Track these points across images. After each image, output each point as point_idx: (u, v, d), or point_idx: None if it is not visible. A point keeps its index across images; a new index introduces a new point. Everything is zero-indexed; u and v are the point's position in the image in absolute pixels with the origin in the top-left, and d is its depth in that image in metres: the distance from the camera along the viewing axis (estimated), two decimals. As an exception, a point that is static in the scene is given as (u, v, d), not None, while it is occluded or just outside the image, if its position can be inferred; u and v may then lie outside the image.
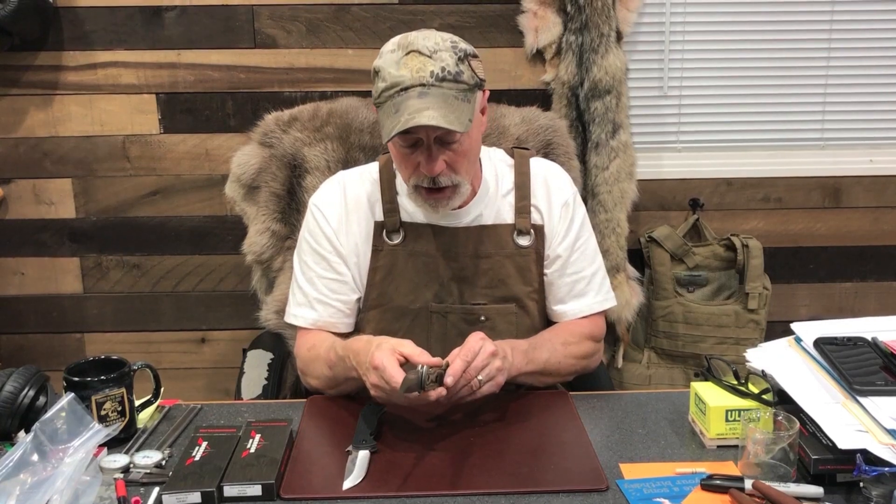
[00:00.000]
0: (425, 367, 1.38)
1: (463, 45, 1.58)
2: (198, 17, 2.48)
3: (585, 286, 1.77)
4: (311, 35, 2.50)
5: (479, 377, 1.44)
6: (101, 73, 2.51)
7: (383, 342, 1.46)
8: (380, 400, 1.48)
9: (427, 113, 1.49)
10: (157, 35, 2.49)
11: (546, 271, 1.75)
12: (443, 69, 1.52)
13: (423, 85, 1.51)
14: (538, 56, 2.53)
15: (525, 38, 2.50)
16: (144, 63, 2.51)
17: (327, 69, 2.52)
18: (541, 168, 1.78)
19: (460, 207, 1.70)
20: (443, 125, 1.49)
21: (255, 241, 2.09)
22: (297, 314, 1.74)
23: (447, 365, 1.40)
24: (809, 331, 1.53)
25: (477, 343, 1.46)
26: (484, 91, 1.64)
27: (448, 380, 1.38)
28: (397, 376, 1.38)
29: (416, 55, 1.53)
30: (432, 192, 1.61)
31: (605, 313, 1.81)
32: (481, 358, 1.44)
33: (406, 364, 1.42)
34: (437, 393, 1.38)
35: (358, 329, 1.76)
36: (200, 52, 2.51)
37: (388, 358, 1.41)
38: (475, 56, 1.60)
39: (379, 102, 1.57)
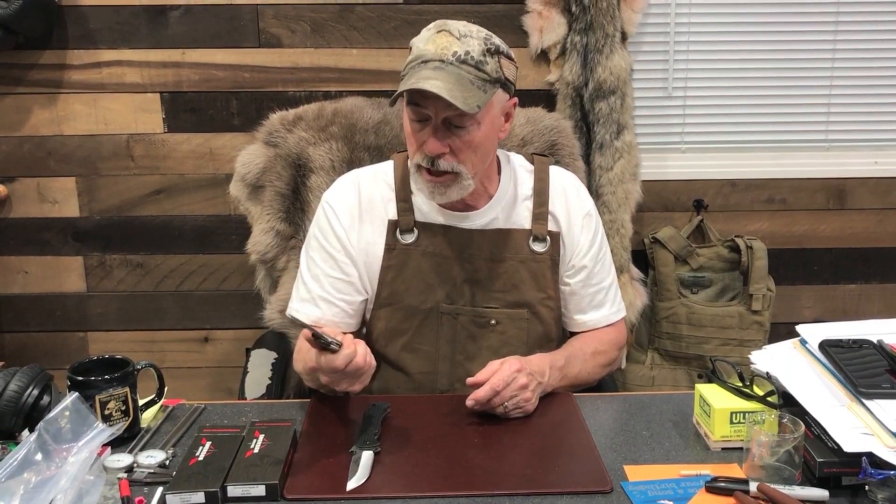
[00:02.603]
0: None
1: (497, 41, 1.59)
2: (202, 17, 2.48)
3: (604, 297, 1.79)
4: (315, 35, 2.50)
5: (506, 404, 1.51)
6: (106, 72, 2.51)
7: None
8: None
9: (433, 82, 1.49)
10: (161, 34, 2.49)
11: (570, 281, 1.76)
12: (466, 52, 1.54)
13: (441, 60, 1.53)
14: (542, 56, 2.53)
15: (529, 38, 2.50)
16: (149, 62, 2.50)
17: (332, 69, 2.52)
18: (560, 177, 1.78)
19: (476, 209, 1.69)
20: (444, 95, 1.48)
21: (260, 240, 2.09)
22: (299, 310, 1.73)
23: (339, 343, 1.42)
24: (814, 333, 1.53)
25: (510, 374, 1.50)
26: (511, 98, 1.64)
27: (469, 402, 1.50)
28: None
29: (446, 34, 1.55)
30: (431, 174, 1.60)
31: (623, 320, 1.85)
32: (512, 388, 1.50)
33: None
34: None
35: (368, 327, 1.75)
36: (205, 51, 2.50)
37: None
38: (509, 57, 1.61)
39: (403, 74, 1.58)
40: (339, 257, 1.71)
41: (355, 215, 1.72)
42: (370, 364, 1.46)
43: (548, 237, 1.72)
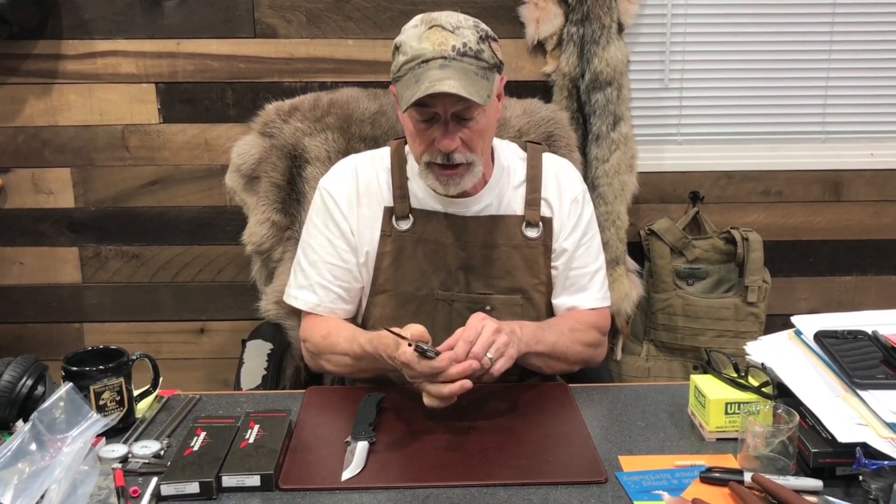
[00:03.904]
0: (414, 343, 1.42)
1: (484, 26, 1.60)
2: (197, 7, 2.47)
3: (587, 282, 1.77)
4: (311, 25, 2.49)
5: (489, 355, 1.45)
6: (101, 63, 2.50)
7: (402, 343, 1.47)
8: (416, 382, 1.49)
9: (448, 82, 1.49)
10: (156, 24, 2.48)
11: (553, 264, 1.75)
12: (464, 44, 1.53)
13: (444, 58, 1.52)
14: (539, 47, 2.52)
15: (526, 29, 2.49)
16: (144, 52, 2.50)
17: (327, 59, 2.52)
18: (553, 163, 1.78)
19: (471, 195, 1.69)
20: (463, 94, 1.49)
21: (255, 231, 2.08)
22: (297, 296, 1.76)
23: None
24: (810, 324, 1.53)
25: (479, 323, 1.47)
26: (501, 77, 1.63)
27: (445, 361, 1.41)
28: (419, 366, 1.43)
29: (439, 30, 1.54)
30: (445, 168, 1.60)
31: (608, 309, 1.82)
32: (485, 336, 1.45)
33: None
34: (442, 359, 1.41)
35: (364, 315, 1.76)
36: (200, 41, 2.50)
37: (410, 354, 1.43)
38: (495, 39, 1.61)
39: (398, 76, 1.57)
40: (337, 244, 1.72)
41: (353, 201, 1.72)
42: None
43: (540, 223, 1.72)
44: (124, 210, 2.61)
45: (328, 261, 1.72)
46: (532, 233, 1.72)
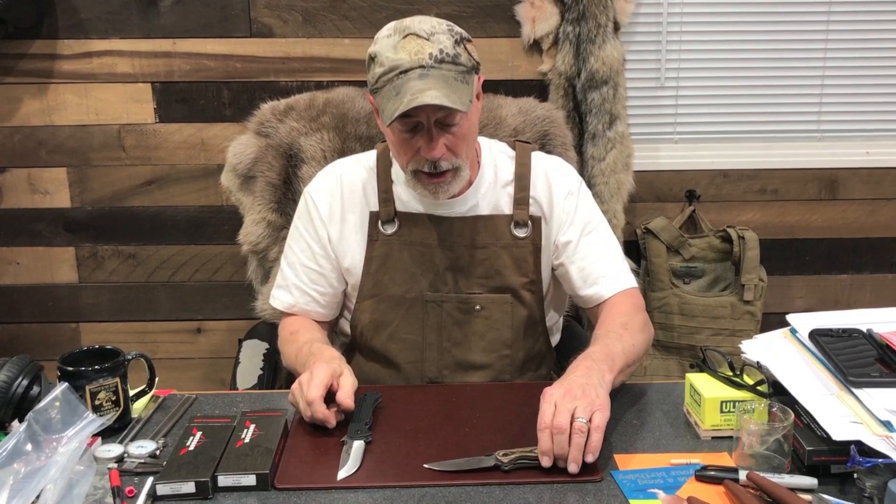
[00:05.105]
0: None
1: (457, 28, 1.58)
2: (193, 6, 2.47)
3: (605, 268, 1.70)
4: (307, 24, 2.49)
5: (580, 418, 1.31)
6: (97, 62, 2.50)
7: (322, 370, 1.45)
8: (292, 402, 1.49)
9: (430, 93, 1.48)
10: (152, 24, 2.48)
11: (559, 261, 1.73)
12: (441, 51, 1.52)
13: (422, 67, 1.50)
14: (535, 46, 2.52)
15: (522, 28, 2.50)
16: (140, 52, 2.50)
17: (323, 59, 2.52)
18: (542, 161, 1.77)
19: (456, 196, 1.69)
20: (446, 104, 1.48)
21: (251, 231, 2.09)
22: (275, 296, 1.79)
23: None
24: (805, 322, 1.53)
25: (547, 404, 1.34)
26: (479, 76, 1.63)
27: (545, 461, 1.32)
28: (320, 413, 1.42)
29: (414, 38, 1.52)
30: (433, 176, 1.60)
31: (636, 288, 1.73)
32: (562, 407, 1.33)
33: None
34: (546, 462, 1.33)
35: (353, 320, 1.76)
36: (196, 41, 2.50)
37: (319, 392, 1.42)
38: (469, 40, 1.59)
39: (376, 88, 1.55)
40: (315, 249, 1.73)
41: (336, 208, 1.72)
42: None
43: (529, 222, 1.72)
44: (120, 210, 2.61)
45: (306, 264, 1.74)
46: (521, 232, 1.72)
